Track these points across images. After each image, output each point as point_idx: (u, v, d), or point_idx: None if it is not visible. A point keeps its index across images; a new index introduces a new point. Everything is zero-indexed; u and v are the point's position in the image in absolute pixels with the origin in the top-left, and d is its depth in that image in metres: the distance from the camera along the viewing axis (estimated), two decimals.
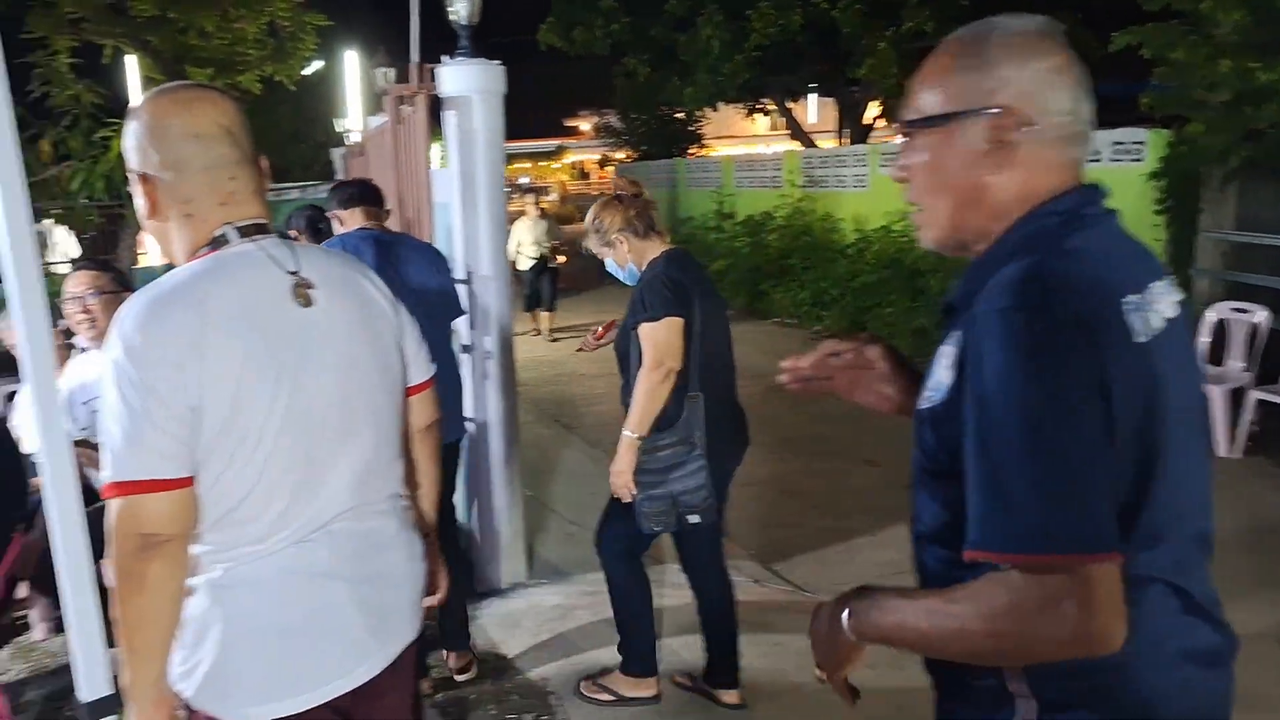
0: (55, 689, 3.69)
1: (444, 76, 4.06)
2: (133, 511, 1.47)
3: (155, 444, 1.47)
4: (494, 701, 3.46)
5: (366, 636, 1.69)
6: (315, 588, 1.64)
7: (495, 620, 4.08)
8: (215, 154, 1.60)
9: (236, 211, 1.63)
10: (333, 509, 1.66)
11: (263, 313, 1.58)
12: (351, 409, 1.68)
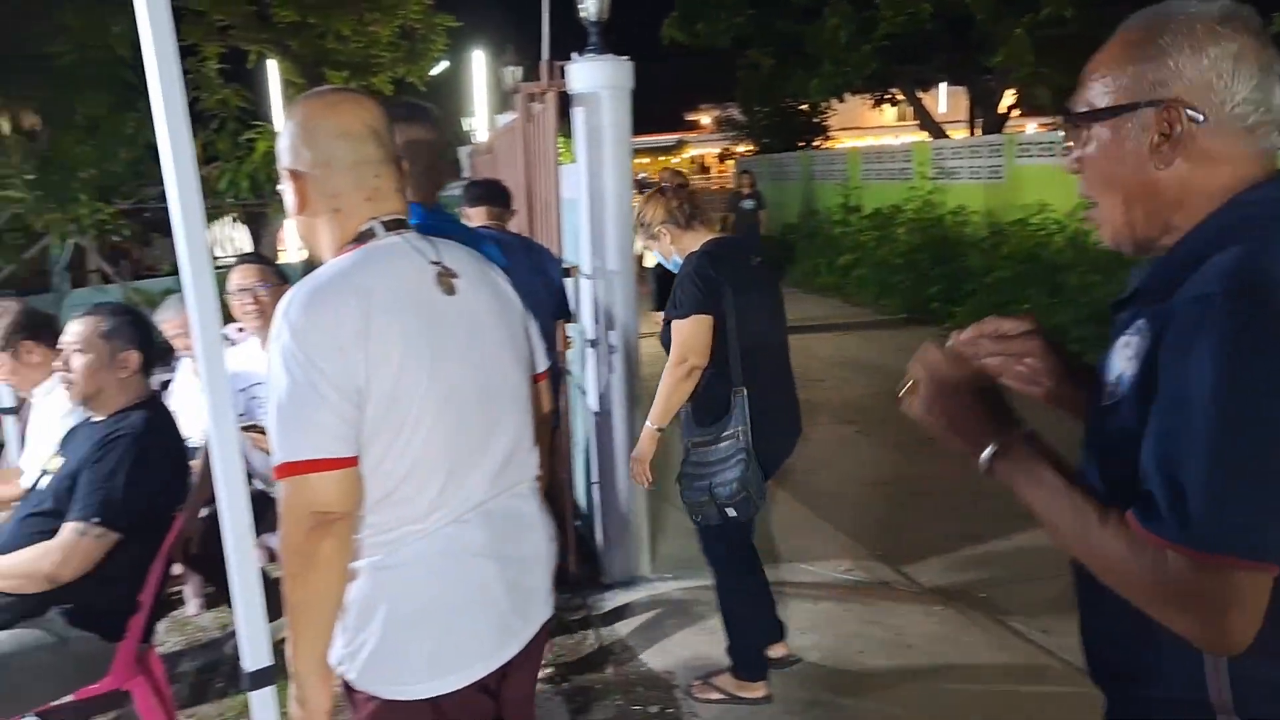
0: (207, 661, 3.87)
1: (573, 73, 4.09)
2: (306, 490, 1.52)
3: (326, 424, 1.52)
4: (619, 692, 3.47)
5: (512, 616, 1.75)
6: (471, 568, 1.69)
7: (618, 612, 4.10)
8: (362, 153, 1.68)
9: (381, 207, 1.70)
10: (483, 491, 1.71)
11: (416, 300, 1.64)
12: (496, 393, 1.74)
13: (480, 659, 1.70)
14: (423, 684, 1.65)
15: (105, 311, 2.86)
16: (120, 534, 2.61)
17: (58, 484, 2.72)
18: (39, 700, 2.64)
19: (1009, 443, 1.26)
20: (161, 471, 2.76)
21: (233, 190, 8.93)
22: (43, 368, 3.47)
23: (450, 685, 1.66)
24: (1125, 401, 1.18)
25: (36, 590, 2.59)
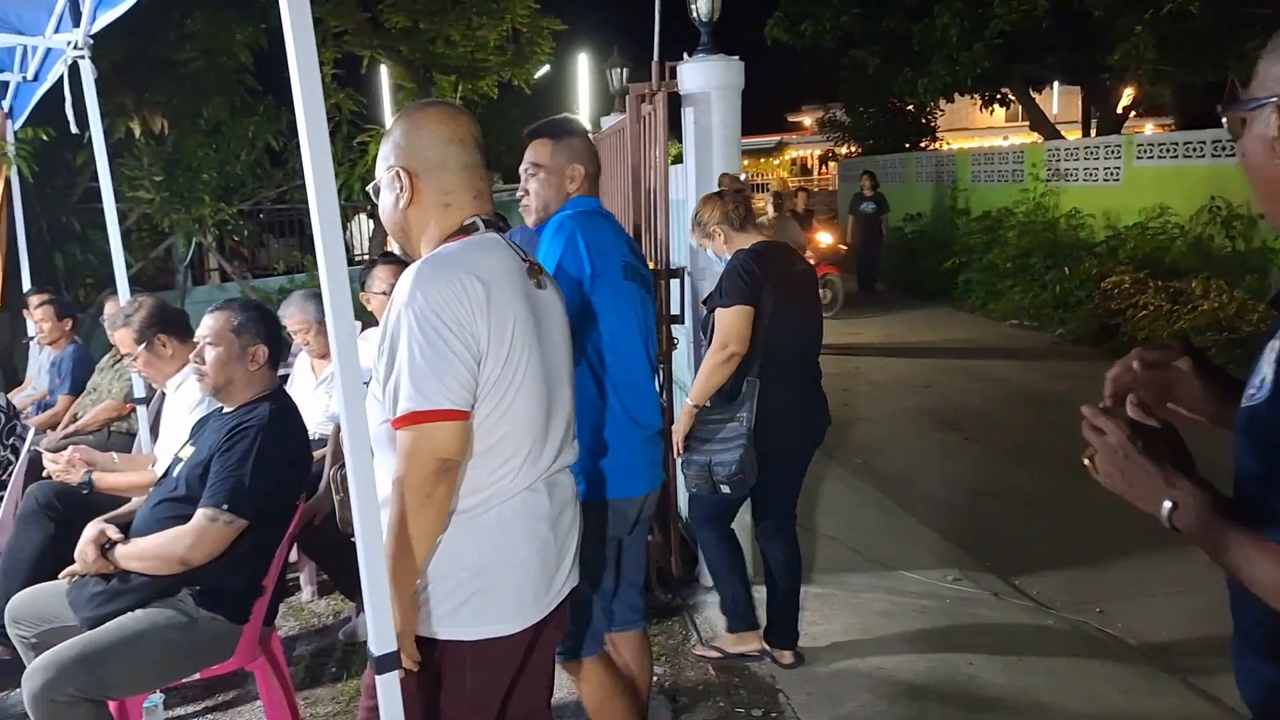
0: (321, 646, 3.99)
1: (684, 73, 4.10)
2: (434, 436, 1.72)
3: (458, 376, 1.74)
4: (721, 693, 3.47)
5: (556, 574, 1.96)
6: (539, 529, 1.90)
7: (720, 615, 4.07)
8: (472, 157, 1.94)
9: (483, 206, 1.96)
10: (550, 462, 1.93)
11: (518, 285, 1.89)
12: (562, 377, 1.99)
13: (532, 612, 1.90)
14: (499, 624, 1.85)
15: (236, 307, 2.98)
16: (248, 521, 2.71)
17: (190, 472, 2.83)
18: (170, 676, 2.77)
19: (1182, 498, 1.23)
20: (286, 462, 2.85)
21: (345, 192, 9.16)
22: (175, 360, 3.63)
23: (514, 628, 1.86)
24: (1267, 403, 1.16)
25: (169, 572, 2.70)
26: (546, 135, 2.70)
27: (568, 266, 2.54)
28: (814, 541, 4.92)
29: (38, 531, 3.51)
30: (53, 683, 2.48)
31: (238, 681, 3.63)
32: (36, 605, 2.92)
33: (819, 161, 45.47)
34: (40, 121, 6.70)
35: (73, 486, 3.46)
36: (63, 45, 4.37)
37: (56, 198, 8.31)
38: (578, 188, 2.68)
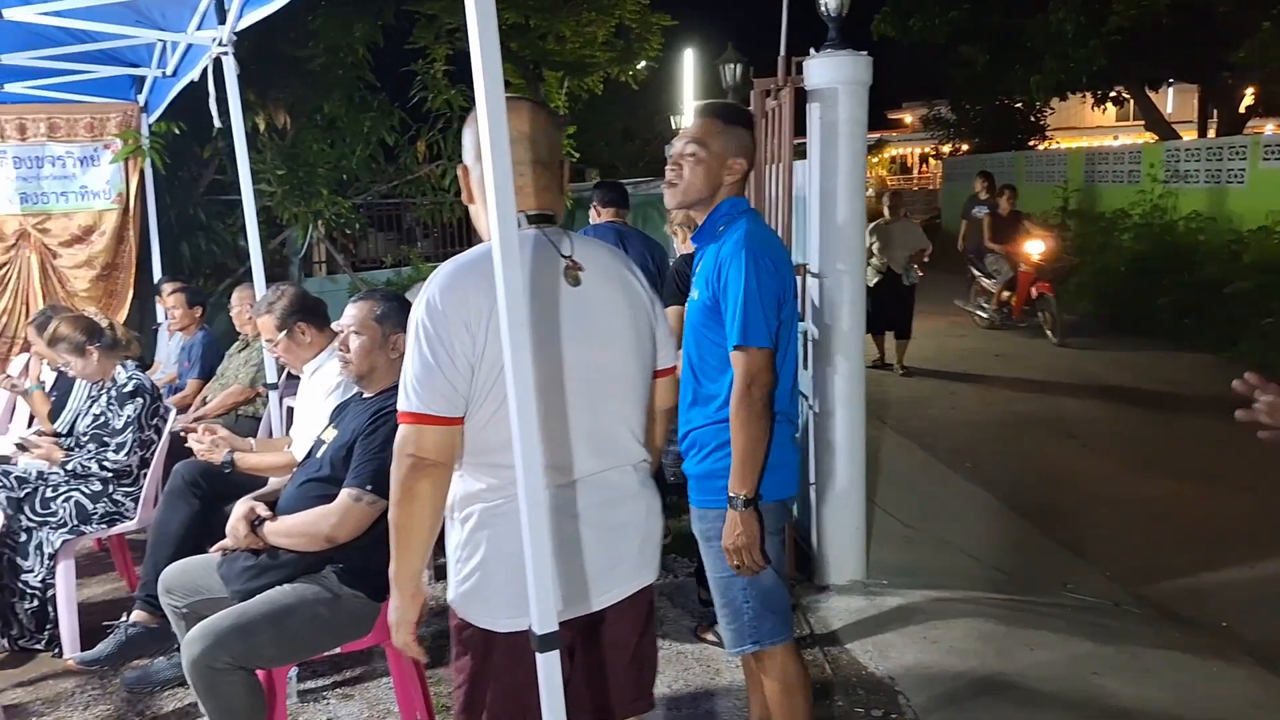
0: (440, 627, 4.05)
1: (811, 69, 4.09)
2: (413, 437, 1.82)
3: (439, 387, 1.80)
4: (841, 693, 3.45)
5: (600, 575, 1.96)
6: (569, 528, 1.92)
7: (835, 614, 4.07)
8: (518, 154, 1.91)
9: (526, 202, 1.95)
10: (586, 462, 1.94)
11: (538, 286, 1.88)
12: (611, 378, 1.97)
13: (561, 604, 1.87)
14: (506, 618, 1.89)
15: (378, 297, 3.07)
16: (389, 501, 2.79)
17: (334, 453, 2.94)
18: (314, 649, 2.87)
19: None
20: None
21: (455, 187, 9.32)
22: (313, 347, 3.76)
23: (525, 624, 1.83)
24: None
25: (315, 549, 2.81)
26: (717, 117, 2.58)
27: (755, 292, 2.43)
28: (929, 546, 4.87)
29: (183, 507, 3.68)
30: (209, 651, 2.60)
31: (364, 659, 3.75)
32: (188, 577, 3.06)
33: (919, 160, 44.75)
34: (171, 116, 6.99)
35: (215, 465, 3.61)
36: (206, 42, 4.55)
37: (184, 190, 8.64)
38: (732, 184, 2.58)
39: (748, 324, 2.43)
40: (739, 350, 2.43)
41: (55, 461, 4.10)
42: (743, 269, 2.44)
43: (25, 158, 6.84)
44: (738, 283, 2.44)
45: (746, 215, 2.57)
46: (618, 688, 2.10)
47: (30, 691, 3.67)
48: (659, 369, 2.12)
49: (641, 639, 2.12)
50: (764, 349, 2.43)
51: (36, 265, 6.95)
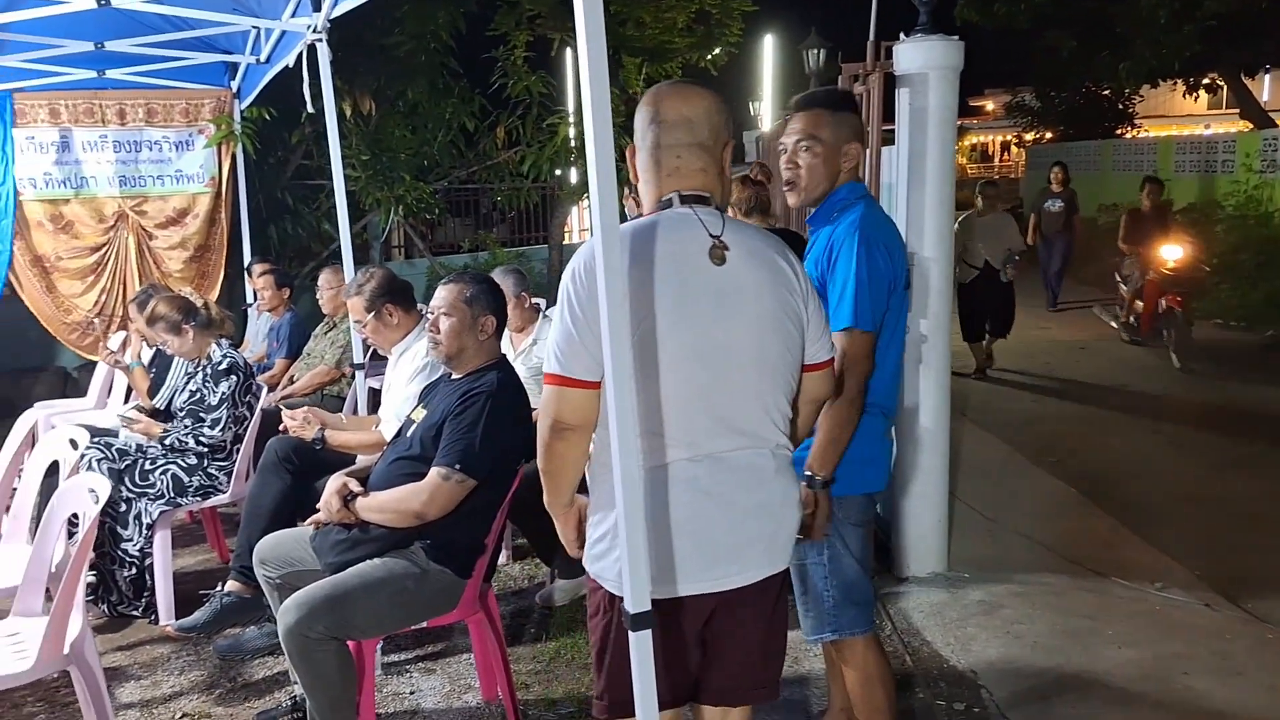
0: (519, 607, 4.15)
1: (901, 53, 4.04)
2: (554, 399, 1.88)
3: (579, 353, 1.85)
4: (922, 685, 3.42)
5: (730, 555, 1.95)
6: (697, 503, 1.92)
7: (916, 606, 4.03)
8: (670, 137, 1.99)
9: (681, 182, 1.99)
10: (717, 440, 1.92)
11: (681, 264, 1.90)
12: (749, 358, 1.94)
13: (687, 579, 1.92)
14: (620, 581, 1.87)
15: (468, 279, 3.12)
16: (476, 481, 2.85)
17: (423, 432, 2.99)
18: (403, 622, 2.94)
19: None
20: (511, 427, 2.97)
21: (534, 172, 9.39)
22: (400, 329, 3.84)
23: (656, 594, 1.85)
24: None
25: (404, 525, 2.87)
26: (823, 106, 2.55)
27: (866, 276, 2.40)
28: (1012, 540, 4.79)
29: (276, 482, 3.78)
30: (304, 620, 2.68)
31: (445, 635, 3.83)
32: (281, 549, 3.15)
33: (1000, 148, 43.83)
34: (261, 102, 7.17)
35: (307, 442, 3.70)
36: (301, 29, 4.66)
37: (272, 174, 8.86)
38: (850, 169, 2.54)
39: (855, 307, 2.39)
40: (842, 333, 2.38)
41: (154, 436, 4.25)
42: (854, 252, 2.41)
43: (125, 142, 7.09)
44: (847, 265, 2.41)
45: (865, 200, 2.53)
46: (741, 672, 2.08)
47: (129, 655, 3.82)
48: (811, 363, 2.07)
49: (770, 628, 2.09)
50: (866, 333, 2.40)
51: (134, 246, 7.20)
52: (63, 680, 3.46)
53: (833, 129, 2.51)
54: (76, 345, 7.25)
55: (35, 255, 7.00)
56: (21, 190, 6.85)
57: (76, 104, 6.92)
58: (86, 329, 7.20)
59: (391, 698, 3.40)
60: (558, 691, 3.41)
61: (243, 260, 7.48)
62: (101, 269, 7.20)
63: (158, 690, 3.54)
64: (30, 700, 3.47)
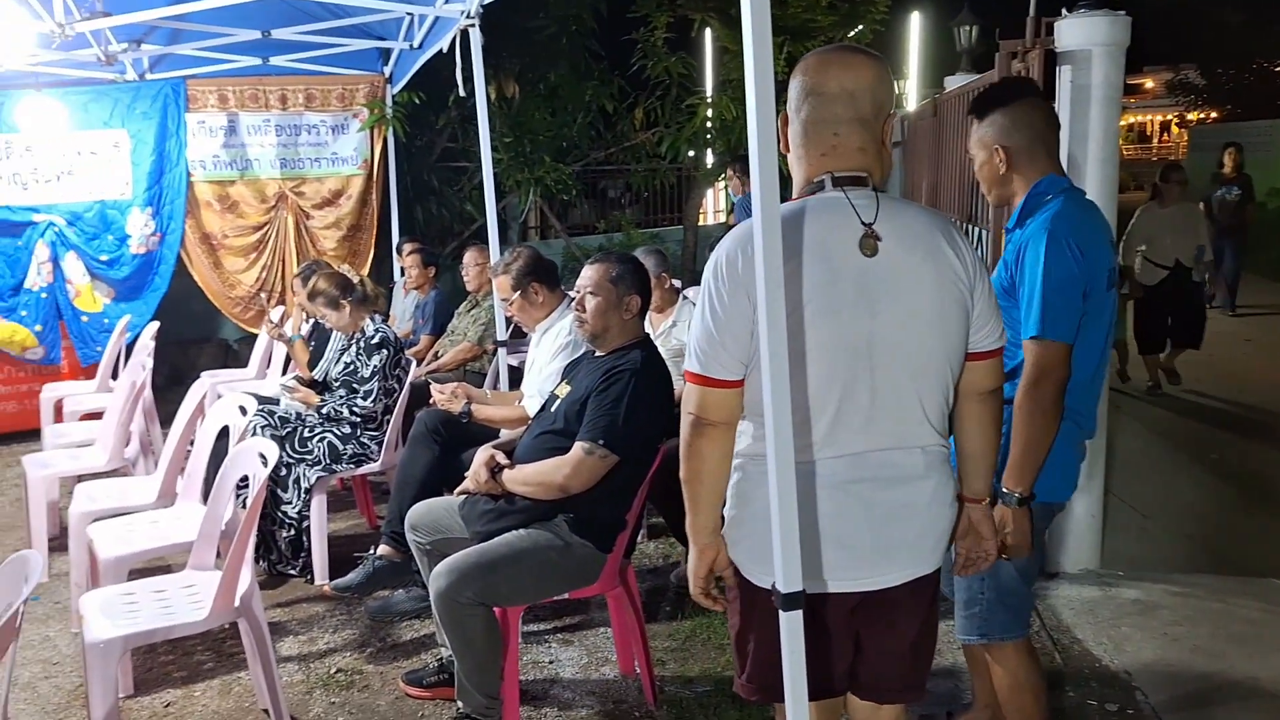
0: (654, 585, 4.19)
1: (1064, 29, 3.89)
2: (695, 398, 1.84)
3: (718, 353, 1.81)
4: (1072, 684, 3.32)
5: (874, 554, 1.88)
6: (839, 501, 1.85)
7: (1066, 603, 3.90)
8: (828, 111, 1.85)
9: (836, 163, 1.86)
10: (866, 439, 1.84)
11: (828, 253, 1.80)
12: (897, 355, 1.82)
13: (829, 576, 1.87)
14: (768, 573, 1.86)
15: (614, 259, 3.16)
16: (619, 457, 2.90)
17: (568, 408, 3.06)
18: (546, 593, 3.02)
19: None
20: (654, 405, 3.01)
21: (671, 154, 9.42)
22: (544, 307, 3.93)
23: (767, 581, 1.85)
24: None
25: (548, 498, 2.95)
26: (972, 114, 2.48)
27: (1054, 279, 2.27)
28: (1168, 538, 4.60)
29: (425, 452, 3.92)
30: (455, 585, 2.79)
31: (583, 608, 3.91)
32: (431, 516, 3.28)
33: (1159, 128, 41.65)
34: (410, 87, 7.41)
35: (454, 415, 3.83)
36: (455, 14, 4.79)
37: (419, 157, 9.13)
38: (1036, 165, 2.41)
39: (1044, 315, 2.25)
40: (1032, 341, 2.26)
41: (312, 405, 4.47)
42: (1041, 254, 2.27)
43: (285, 126, 7.44)
44: (1034, 268, 2.28)
45: (1064, 194, 2.39)
46: (889, 672, 2.03)
47: (287, 611, 4.03)
48: (976, 351, 1.94)
49: (921, 629, 2.02)
50: (1061, 343, 2.24)
51: (292, 225, 7.56)
52: (228, 632, 3.70)
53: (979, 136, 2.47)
54: (239, 318, 7.66)
55: (203, 233, 7.42)
56: (192, 172, 7.26)
57: (243, 90, 7.29)
58: (249, 303, 7.60)
59: (531, 665, 3.50)
60: (694, 670, 3.44)
61: (390, 239, 7.77)
62: (263, 247, 7.58)
63: (313, 646, 3.73)
64: (199, 649, 3.71)
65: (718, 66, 12.12)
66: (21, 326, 6.89)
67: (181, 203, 7.22)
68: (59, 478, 4.73)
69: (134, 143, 7.05)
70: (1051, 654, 3.51)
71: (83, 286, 7.07)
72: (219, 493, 3.29)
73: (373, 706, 3.29)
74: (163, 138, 7.10)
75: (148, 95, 7.04)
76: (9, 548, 4.83)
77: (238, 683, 3.46)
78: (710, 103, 9.11)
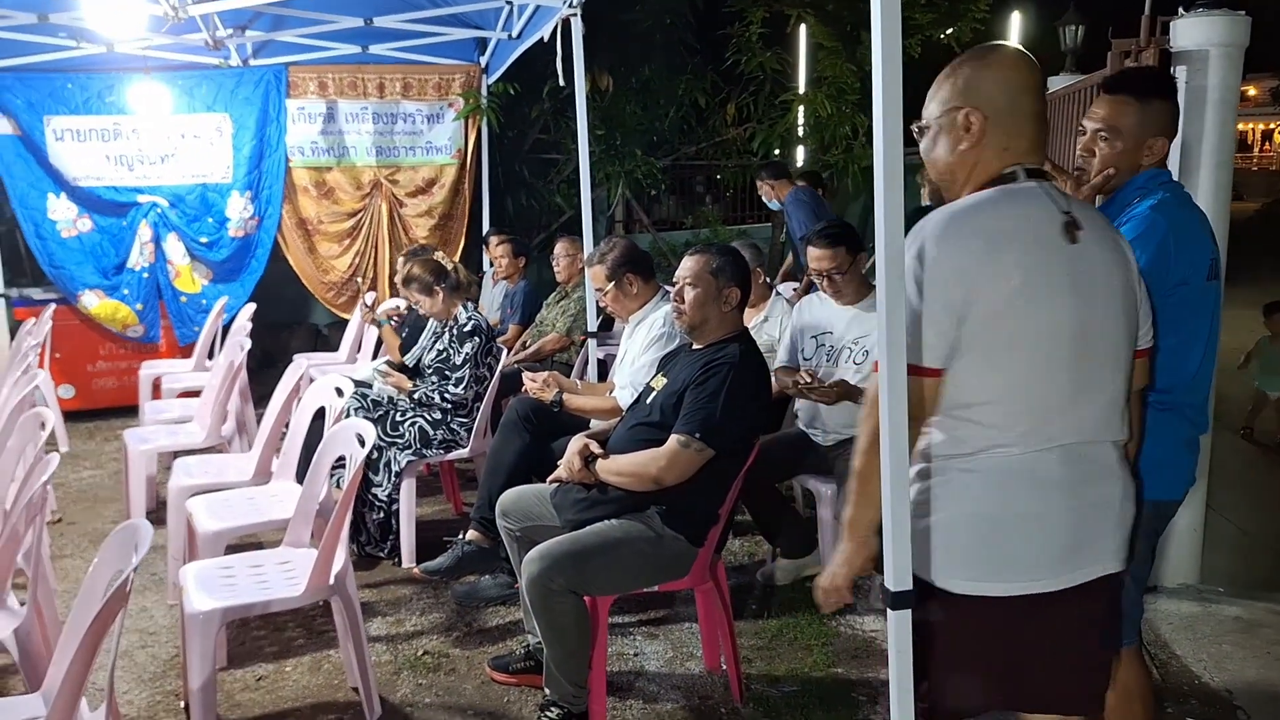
0: (739, 582, 4.13)
1: (1180, 29, 3.75)
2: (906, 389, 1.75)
3: (923, 338, 1.75)
4: (1171, 700, 3.21)
5: (1068, 552, 1.82)
6: (1037, 494, 1.80)
7: (1164, 618, 3.77)
8: (1036, 107, 1.87)
9: (1022, 155, 1.86)
10: (1070, 430, 1.80)
11: (1038, 240, 1.78)
12: (1095, 345, 1.82)
13: (1020, 576, 1.80)
14: (961, 580, 1.82)
15: (713, 251, 3.14)
16: (715, 450, 2.88)
17: (664, 400, 3.04)
18: (636, 584, 3.01)
19: None
20: (751, 400, 2.98)
21: (763, 150, 9.35)
22: (638, 298, 3.92)
23: (985, 590, 1.80)
24: None
25: (642, 489, 2.93)
26: (1132, 92, 2.32)
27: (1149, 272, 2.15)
28: (1271, 555, 4.43)
29: (516, 439, 3.94)
30: (547, 572, 2.79)
31: (668, 602, 3.89)
32: (522, 503, 3.29)
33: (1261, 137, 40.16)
34: (505, 78, 7.47)
35: (545, 404, 3.85)
36: (556, 3, 4.80)
37: (511, 148, 9.21)
38: (1152, 163, 2.33)
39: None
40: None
41: (404, 390, 4.52)
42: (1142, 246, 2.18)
43: (382, 114, 7.56)
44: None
45: (1163, 188, 2.31)
46: (1065, 681, 1.92)
47: (375, 593, 4.09)
48: (1138, 348, 1.96)
49: (1103, 634, 1.95)
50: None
51: (385, 213, 7.69)
52: (318, 610, 3.77)
53: (1137, 120, 2.29)
54: (331, 303, 7.81)
55: (300, 218, 7.58)
56: (290, 157, 7.42)
57: (342, 77, 7.42)
58: (342, 288, 7.74)
59: (616, 657, 3.49)
60: (780, 669, 3.41)
61: (480, 229, 7.84)
62: (357, 233, 7.72)
63: (401, 627, 3.78)
64: (291, 625, 3.78)
65: (812, 63, 12.00)
66: (123, 305, 7.13)
67: (279, 188, 7.39)
68: (157, 453, 4.87)
69: (236, 127, 7.23)
70: (1149, 669, 3.39)
71: (182, 267, 7.27)
72: (316, 471, 3.34)
73: (459, 689, 3.32)
74: (263, 123, 7.27)
75: (250, 81, 7.21)
76: (108, 519, 5.00)
77: (327, 660, 3.52)
78: (804, 99, 9.02)
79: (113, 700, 2.13)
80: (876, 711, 3.14)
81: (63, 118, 6.86)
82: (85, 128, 6.93)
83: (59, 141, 6.88)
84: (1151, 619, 3.75)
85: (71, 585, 4.11)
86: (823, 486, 3.85)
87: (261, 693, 3.33)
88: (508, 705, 3.22)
